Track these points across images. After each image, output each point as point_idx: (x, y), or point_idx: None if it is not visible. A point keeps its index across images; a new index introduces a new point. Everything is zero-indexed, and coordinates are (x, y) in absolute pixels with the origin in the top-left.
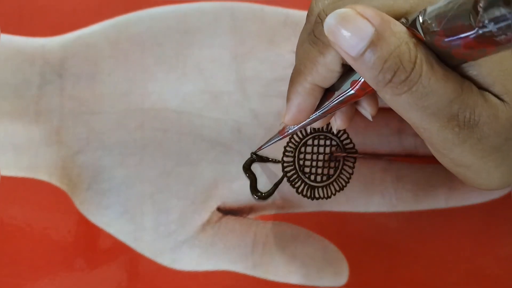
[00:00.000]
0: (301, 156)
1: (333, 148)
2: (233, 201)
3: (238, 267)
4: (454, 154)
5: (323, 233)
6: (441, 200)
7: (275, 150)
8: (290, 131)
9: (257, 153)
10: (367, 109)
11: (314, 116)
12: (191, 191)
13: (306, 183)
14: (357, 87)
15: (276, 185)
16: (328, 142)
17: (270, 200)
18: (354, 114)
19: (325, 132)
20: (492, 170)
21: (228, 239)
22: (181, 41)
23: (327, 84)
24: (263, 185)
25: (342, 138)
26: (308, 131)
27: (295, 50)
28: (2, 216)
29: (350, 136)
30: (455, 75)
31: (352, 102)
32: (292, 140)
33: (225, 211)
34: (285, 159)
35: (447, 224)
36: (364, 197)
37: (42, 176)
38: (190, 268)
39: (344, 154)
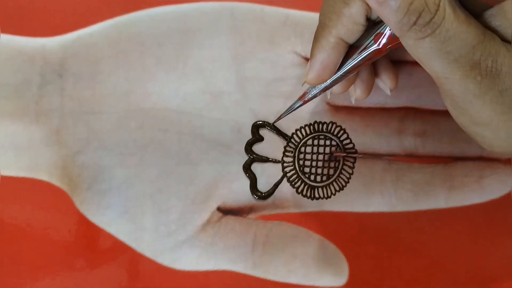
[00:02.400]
0: (301, 156)
1: (333, 148)
2: (233, 201)
3: (238, 267)
4: (474, 109)
5: (323, 233)
6: (441, 200)
7: (275, 150)
8: (310, 95)
9: (257, 154)
10: (386, 82)
11: (336, 77)
12: (191, 191)
13: (306, 183)
14: (381, 40)
15: (276, 185)
16: (328, 142)
17: (270, 200)
18: (373, 84)
19: (325, 132)
20: (511, 129)
21: (228, 239)
22: (181, 41)
23: (351, 38)
24: (263, 185)
25: (342, 138)
26: (308, 131)
27: (295, 50)
28: (2, 216)
29: (350, 136)
30: (477, 23)
31: (371, 72)
32: (292, 140)
33: (225, 211)
34: (285, 159)
35: (447, 224)
36: (364, 197)
37: (43, 176)
38: (190, 268)
39: (344, 154)
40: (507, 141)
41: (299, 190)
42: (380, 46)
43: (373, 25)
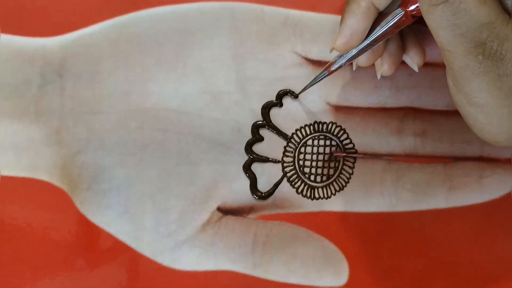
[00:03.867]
0: (301, 156)
1: (333, 148)
2: (233, 201)
3: (238, 267)
4: (471, 87)
5: (323, 233)
6: (440, 200)
7: (275, 150)
8: (337, 65)
9: (257, 154)
10: (414, 58)
11: (364, 45)
12: (191, 191)
13: (306, 183)
14: (408, 6)
15: (276, 185)
16: (328, 142)
17: (270, 200)
18: (400, 59)
19: (325, 132)
20: (505, 118)
21: (228, 239)
22: (181, 41)
23: (382, 3)
24: (263, 185)
25: (342, 138)
26: (308, 131)
27: (295, 50)
28: (2, 216)
29: (350, 136)
30: (494, 3)
31: (399, 46)
32: (292, 140)
33: (225, 211)
34: (285, 159)
35: (446, 224)
36: (364, 197)
37: (43, 176)
38: (190, 268)
39: (344, 154)
40: (499, 128)
41: (299, 190)
42: (407, 10)
43: None
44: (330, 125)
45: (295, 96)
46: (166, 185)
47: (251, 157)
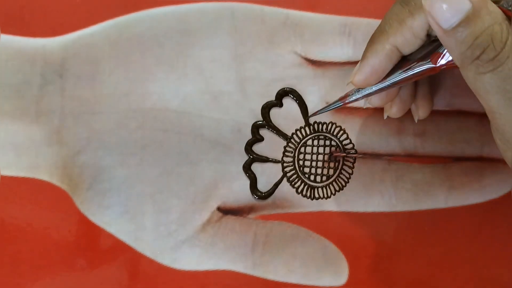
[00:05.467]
0: (301, 156)
1: (333, 148)
2: (233, 201)
3: (238, 266)
4: None
5: (323, 233)
6: (440, 200)
7: (275, 150)
8: (352, 98)
9: (257, 153)
10: (418, 110)
11: (382, 85)
12: (191, 191)
13: (306, 183)
14: (439, 61)
15: (276, 185)
16: (327, 142)
17: (270, 200)
18: (409, 107)
19: (325, 132)
20: None
21: (228, 239)
22: (181, 41)
23: (407, 49)
24: (263, 185)
25: (341, 139)
26: (308, 131)
27: (295, 50)
28: (2, 216)
29: (349, 136)
30: None
31: (412, 94)
32: (292, 140)
33: (225, 211)
34: (285, 159)
35: (446, 224)
36: (364, 197)
37: (43, 176)
38: (190, 268)
39: (344, 154)
40: None
41: (299, 190)
42: (437, 65)
43: (430, 41)
44: (330, 125)
45: (307, 117)
46: (166, 185)
47: (251, 157)
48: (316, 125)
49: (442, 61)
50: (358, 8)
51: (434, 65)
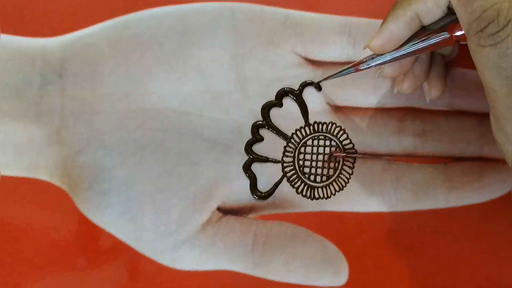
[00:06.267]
0: (301, 156)
1: (333, 149)
2: (233, 201)
3: (238, 266)
4: (511, 127)
5: (323, 233)
6: (440, 200)
7: (275, 150)
8: (365, 66)
9: (256, 153)
10: (431, 89)
11: (398, 54)
12: (191, 191)
13: (306, 183)
14: (455, 32)
15: (276, 185)
16: (327, 143)
17: (270, 200)
18: (422, 84)
19: (325, 132)
20: None
21: (228, 239)
22: (181, 41)
23: (427, 19)
24: (263, 185)
25: (341, 139)
26: (308, 131)
27: (295, 50)
28: (2, 216)
29: (349, 136)
30: None
31: (425, 72)
32: (292, 140)
33: (225, 211)
34: (285, 159)
35: (446, 224)
36: (364, 197)
37: (43, 176)
38: (190, 268)
39: (344, 154)
40: None
41: (299, 190)
42: (452, 35)
43: (449, 14)
44: (330, 125)
45: (316, 85)
46: (166, 185)
47: (251, 157)
48: (316, 125)
49: (457, 32)
50: (358, 8)
51: (449, 35)
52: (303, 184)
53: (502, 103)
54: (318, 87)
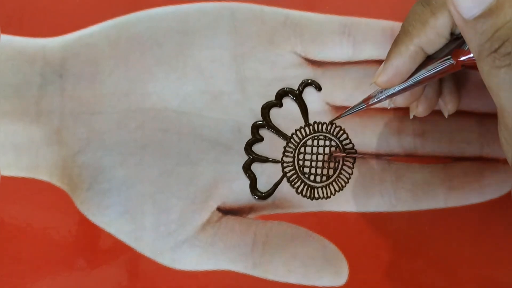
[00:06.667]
0: (301, 156)
1: (333, 149)
2: (233, 201)
3: (238, 266)
4: None
5: (323, 233)
6: (440, 200)
7: (275, 150)
8: (376, 99)
9: (257, 153)
10: (447, 105)
11: (406, 85)
12: (191, 191)
13: (305, 183)
14: (460, 57)
15: (276, 185)
16: (327, 143)
17: (270, 200)
18: (436, 104)
19: (325, 132)
20: None
21: (228, 239)
22: (181, 41)
23: (431, 49)
24: (263, 185)
25: (341, 139)
26: (308, 131)
27: (295, 50)
28: (2, 216)
29: (349, 137)
30: None
31: (437, 91)
32: (292, 140)
33: (225, 211)
34: (284, 159)
35: (446, 224)
36: (364, 197)
37: (43, 176)
38: (190, 268)
39: (344, 154)
40: None
41: (299, 190)
42: (458, 60)
43: (453, 40)
44: (329, 125)
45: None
46: (166, 185)
47: (251, 157)
48: (316, 125)
49: (462, 57)
50: (358, 8)
51: (454, 62)
52: (303, 184)
53: None
54: (318, 87)
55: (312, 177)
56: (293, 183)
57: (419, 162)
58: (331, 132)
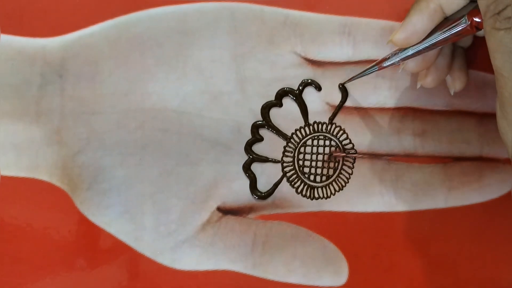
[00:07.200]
0: (301, 156)
1: (333, 148)
2: (233, 200)
3: (238, 266)
4: None
5: (323, 233)
6: (440, 200)
7: (275, 150)
8: (389, 62)
9: (257, 153)
10: (455, 82)
11: (420, 47)
12: (191, 191)
13: (305, 183)
14: (475, 18)
15: (276, 185)
16: (327, 143)
17: (270, 200)
18: (444, 77)
19: (325, 132)
20: None
21: (228, 239)
22: (181, 41)
23: (450, 9)
24: (263, 185)
25: (341, 139)
26: (308, 131)
27: (295, 50)
28: (2, 216)
29: (349, 136)
30: None
31: (448, 65)
32: (292, 140)
33: (225, 211)
34: (284, 159)
35: (446, 224)
36: (364, 197)
37: (43, 176)
38: (190, 268)
39: (344, 154)
40: None
41: (299, 190)
42: (470, 22)
43: (471, 3)
44: (329, 125)
45: (341, 86)
46: (166, 185)
47: (251, 157)
48: (315, 125)
49: (476, 19)
50: (358, 8)
51: (469, 22)
52: (302, 184)
53: (510, 90)
54: (318, 87)
55: (312, 177)
56: (293, 183)
57: (419, 162)
58: (331, 132)
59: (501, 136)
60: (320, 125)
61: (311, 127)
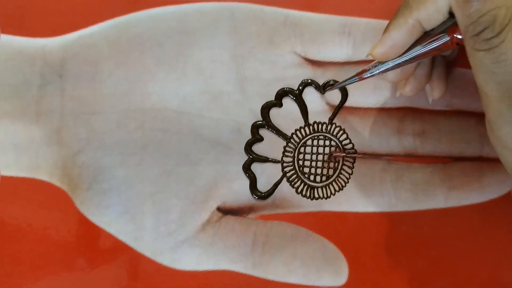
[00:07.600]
0: (301, 156)
1: (333, 149)
2: (233, 200)
3: (238, 266)
4: (502, 133)
5: (323, 233)
6: (440, 200)
7: (275, 150)
8: (369, 74)
9: (256, 153)
10: (433, 90)
11: (400, 60)
12: (191, 191)
13: (305, 183)
14: (455, 34)
15: (276, 185)
16: (327, 143)
17: (270, 200)
18: (424, 86)
19: (325, 132)
20: None
21: (228, 239)
22: (181, 41)
23: (429, 25)
24: (263, 185)
25: (341, 139)
26: (308, 131)
27: (294, 50)
28: (2, 216)
29: (349, 136)
30: None
31: (427, 74)
32: (292, 140)
33: (225, 211)
34: (284, 159)
35: (446, 224)
36: (364, 197)
37: (43, 176)
38: (190, 268)
39: (344, 154)
40: None
41: (299, 190)
42: (451, 38)
43: (451, 18)
44: (329, 125)
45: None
46: (166, 185)
47: (251, 157)
48: (315, 125)
49: (458, 35)
50: (358, 8)
51: (449, 38)
52: (302, 184)
53: (493, 108)
54: (318, 87)
55: (312, 177)
56: (293, 183)
57: (419, 162)
58: (331, 132)
59: (495, 149)
60: (320, 125)
61: (311, 127)
